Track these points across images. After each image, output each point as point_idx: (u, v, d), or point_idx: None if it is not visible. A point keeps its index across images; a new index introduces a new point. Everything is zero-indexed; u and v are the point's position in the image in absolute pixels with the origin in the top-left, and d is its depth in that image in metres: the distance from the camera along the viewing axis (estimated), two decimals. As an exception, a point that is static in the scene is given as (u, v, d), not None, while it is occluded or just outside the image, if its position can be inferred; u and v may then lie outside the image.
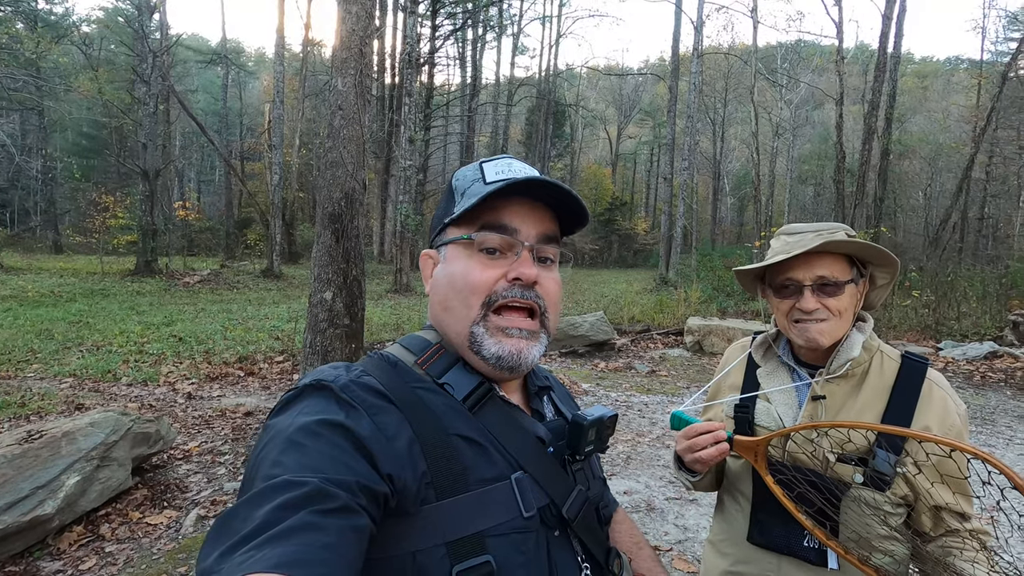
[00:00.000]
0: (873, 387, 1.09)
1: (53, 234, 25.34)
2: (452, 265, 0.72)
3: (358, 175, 4.27)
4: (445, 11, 23.58)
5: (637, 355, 8.46)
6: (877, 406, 1.07)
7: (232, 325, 9.10)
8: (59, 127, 27.42)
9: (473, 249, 0.71)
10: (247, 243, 22.88)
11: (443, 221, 0.75)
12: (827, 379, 1.11)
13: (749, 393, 1.19)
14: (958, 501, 1.01)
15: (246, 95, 34.27)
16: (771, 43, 34.75)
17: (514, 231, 0.70)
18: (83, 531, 2.89)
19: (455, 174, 0.78)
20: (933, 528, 1.04)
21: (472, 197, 0.71)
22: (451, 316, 0.72)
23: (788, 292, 1.11)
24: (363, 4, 4.48)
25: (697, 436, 1.04)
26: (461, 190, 0.75)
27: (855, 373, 1.10)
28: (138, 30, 15.99)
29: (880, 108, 13.65)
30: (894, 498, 1.03)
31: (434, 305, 0.75)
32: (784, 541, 1.09)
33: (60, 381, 5.70)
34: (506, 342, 0.69)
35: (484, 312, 0.69)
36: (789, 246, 1.10)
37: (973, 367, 7.48)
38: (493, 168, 0.74)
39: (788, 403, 1.14)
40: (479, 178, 0.73)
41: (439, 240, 0.76)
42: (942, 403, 1.06)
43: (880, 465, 1.00)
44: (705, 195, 35.98)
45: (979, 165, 19.39)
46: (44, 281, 13.90)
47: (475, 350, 0.69)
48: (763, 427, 1.15)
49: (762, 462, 1.03)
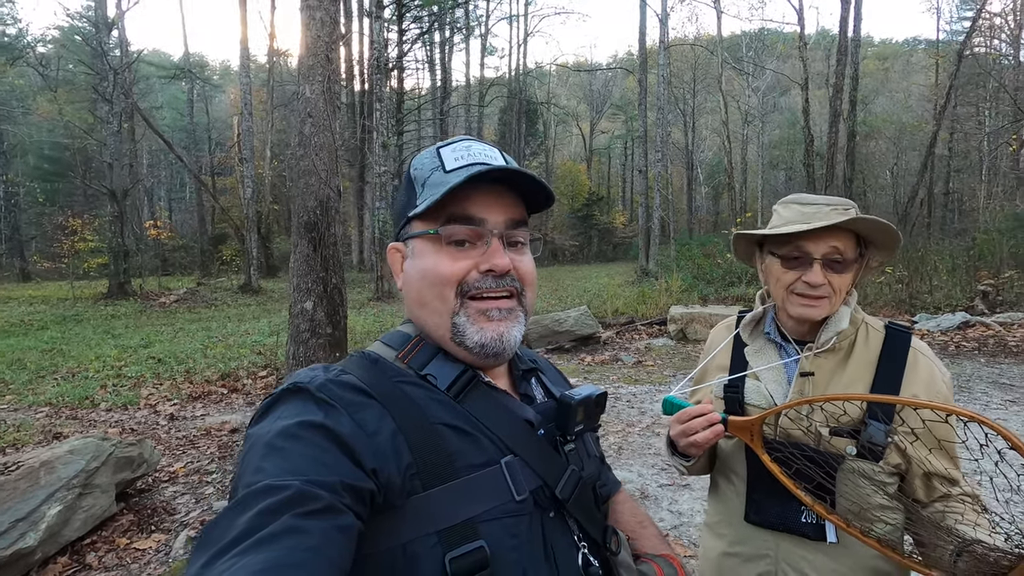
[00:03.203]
0: (860, 359, 1.09)
1: (20, 261, 24.63)
2: (421, 260, 0.71)
3: (332, 182, 4.23)
4: (411, 15, 23.43)
5: (623, 347, 8.52)
6: (865, 377, 1.07)
7: (212, 343, 8.94)
8: (19, 151, 26.62)
9: (441, 243, 0.69)
10: (223, 259, 22.48)
11: (406, 214, 0.73)
12: (815, 353, 1.10)
13: (737, 373, 1.18)
14: (947, 466, 1.02)
15: (213, 109, 33.68)
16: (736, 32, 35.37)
17: (481, 221, 0.69)
18: (68, 562, 2.81)
19: (412, 162, 0.75)
20: (926, 494, 1.04)
21: (433, 188, 0.69)
22: (428, 311, 0.71)
23: (796, 263, 1.08)
24: (327, 10, 4.43)
25: (690, 420, 1.03)
26: (421, 180, 0.72)
27: (842, 346, 1.10)
28: (96, 48, 15.60)
29: (844, 91, 13.95)
30: (887, 467, 1.03)
31: (410, 301, 0.74)
32: (781, 518, 1.08)
33: (35, 411, 5.53)
34: (487, 327, 0.69)
35: (461, 300, 0.69)
36: (806, 216, 1.06)
37: (947, 338, 7.68)
38: (452, 153, 0.71)
39: (777, 380, 1.13)
40: (438, 166, 0.71)
41: (405, 233, 0.74)
42: (928, 371, 1.07)
43: (874, 436, 1.00)
44: (680, 186, 36.33)
45: (942, 142, 19.95)
46: (13, 310, 13.50)
47: (458, 340, 0.69)
48: (753, 406, 1.14)
49: (758, 441, 1.02)
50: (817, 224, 1.03)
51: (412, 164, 0.75)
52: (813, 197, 1.11)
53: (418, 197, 0.71)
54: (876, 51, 45.80)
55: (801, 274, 1.07)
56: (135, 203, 20.05)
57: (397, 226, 0.77)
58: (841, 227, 1.05)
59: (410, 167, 0.75)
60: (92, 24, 17.48)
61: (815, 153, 15.42)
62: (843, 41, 13.63)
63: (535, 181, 0.71)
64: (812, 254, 1.06)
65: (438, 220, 0.69)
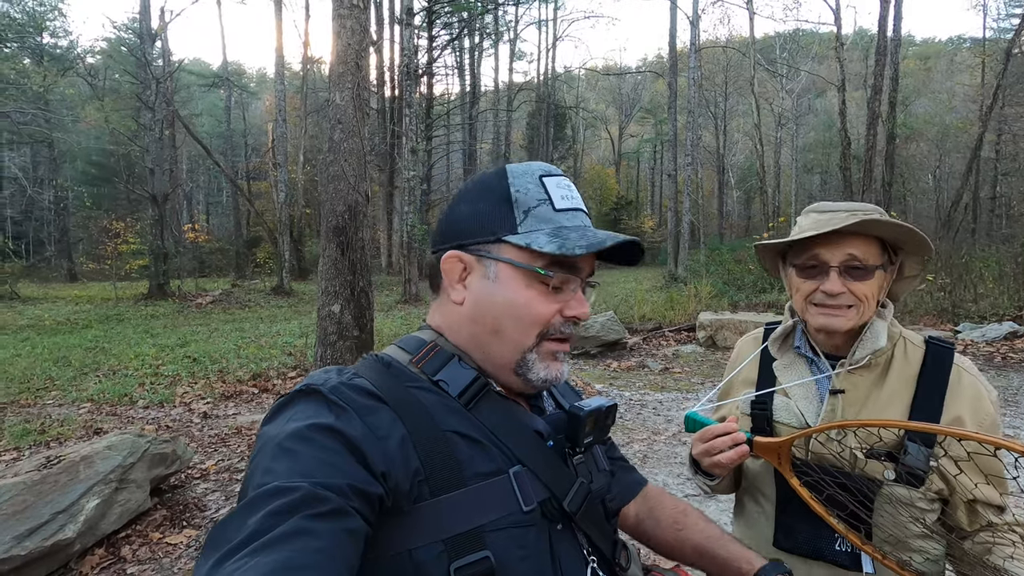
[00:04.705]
0: (898, 376, 1.02)
1: (67, 263, 25.76)
2: (510, 291, 0.68)
3: (360, 187, 4.30)
4: (441, 21, 23.73)
5: (649, 353, 8.41)
6: (904, 396, 1.00)
7: (245, 343, 9.17)
8: (69, 157, 27.92)
9: (535, 279, 0.68)
10: (257, 261, 23.09)
11: (494, 231, 0.69)
12: (849, 370, 1.04)
13: (766, 389, 1.11)
14: (992, 495, 0.95)
15: (249, 115, 34.67)
16: (769, 33, 34.61)
17: (579, 270, 0.71)
18: (104, 554, 2.91)
19: (511, 177, 0.71)
20: (969, 523, 0.97)
21: (540, 221, 0.69)
22: (501, 340, 0.69)
23: (813, 272, 1.03)
24: (358, 18, 4.52)
25: (714, 439, 0.98)
26: (524, 205, 0.69)
27: (878, 363, 1.03)
28: (141, 58, 16.26)
29: (883, 92, 13.52)
30: (929, 494, 0.96)
31: (476, 324, 0.70)
32: (813, 546, 1.02)
33: (78, 407, 5.76)
34: (553, 366, 0.71)
35: (539, 341, 0.70)
36: (819, 223, 1.02)
37: (993, 348, 7.35)
38: (557, 190, 0.71)
39: (808, 397, 1.07)
40: (546, 199, 0.70)
41: (485, 251, 0.69)
42: (973, 390, 0.99)
43: (913, 460, 0.94)
44: (711, 189, 35.79)
45: (988, 144, 19.15)
46: (60, 309, 14.11)
47: (520, 372, 0.70)
48: (783, 424, 1.08)
49: (786, 464, 0.96)
50: (824, 229, 0.98)
51: (512, 179, 0.71)
52: (834, 204, 1.06)
53: (518, 223, 0.68)
54: (917, 50, 44.27)
55: (819, 283, 1.02)
56: (175, 207, 20.78)
57: (470, 235, 0.71)
58: (858, 232, 0.99)
59: (507, 179, 0.71)
60: (137, 35, 18.24)
61: (852, 156, 14.96)
62: (882, 41, 13.22)
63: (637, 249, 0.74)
64: (829, 262, 1.01)
65: (541, 257, 0.68)
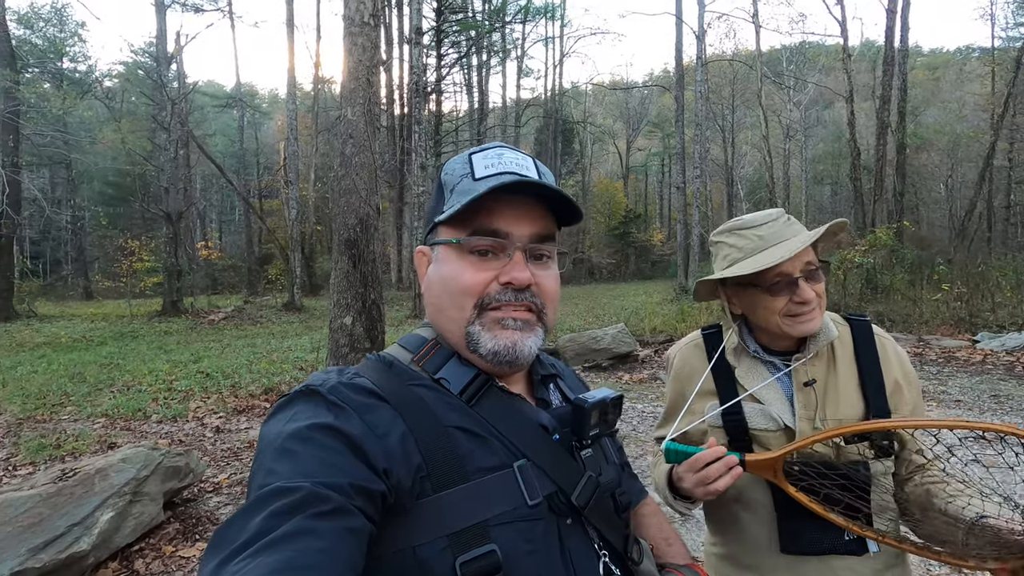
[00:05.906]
0: (842, 357, 1.11)
1: (84, 281, 26.18)
2: (444, 267, 0.71)
3: (371, 201, 4.34)
4: (449, 40, 24.11)
5: (661, 365, 8.33)
6: (853, 374, 1.09)
7: (257, 358, 9.22)
8: (86, 178, 28.51)
9: (464, 251, 0.69)
10: (268, 278, 23.31)
11: (433, 219, 0.74)
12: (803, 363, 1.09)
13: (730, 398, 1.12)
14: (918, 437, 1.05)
15: (261, 135, 35.25)
16: (775, 46, 34.75)
17: (506, 234, 0.68)
18: (118, 567, 2.91)
19: (444, 167, 0.75)
20: (904, 469, 1.07)
21: (461, 195, 0.69)
22: (445, 317, 0.72)
23: (779, 288, 1.05)
24: (369, 36, 4.61)
25: (706, 466, 0.96)
26: (450, 185, 0.72)
27: (823, 349, 1.11)
28: (157, 80, 16.64)
29: (892, 103, 13.50)
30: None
31: (429, 305, 0.75)
32: (822, 544, 1.04)
33: (93, 422, 5.80)
34: (501, 335, 0.68)
35: (478, 312, 0.69)
36: (768, 241, 1.06)
37: (1013, 357, 7.22)
38: (482, 161, 0.71)
39: (777, 397, 1.10)
40: (468, 173, 0.71)
41: (431, 238, 0.75)
42: (896, 354, 1.12)
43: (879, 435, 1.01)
44: (720, 202, 35.70)
45: (1001, 152, 18.97)
46: (76, 327, 14.29)
47: (472, 348, 0.69)
48: (759, 430, 1.09)
49: (781, 476, 0.97)
50: (799, 247, 1.02)
51: (444, 168, 0.75)
52: (757, 217, 1.11)
53: (446, 203, 0.71)
54: (925, 61, 44.18)
55: (790, 296, 1.05)
56: (188, 225, 21.09)
57: (426, 229, 0.77)
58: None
59: (441, 171, 0.75)
60: (153, 59, 18.70)
61: (862, 167, 14.91)
62: (889, 52, 13.24)
63: (562, 196, 0.70)
64: (792, 273, 1.05)
65: (464, 229, 0.69)
